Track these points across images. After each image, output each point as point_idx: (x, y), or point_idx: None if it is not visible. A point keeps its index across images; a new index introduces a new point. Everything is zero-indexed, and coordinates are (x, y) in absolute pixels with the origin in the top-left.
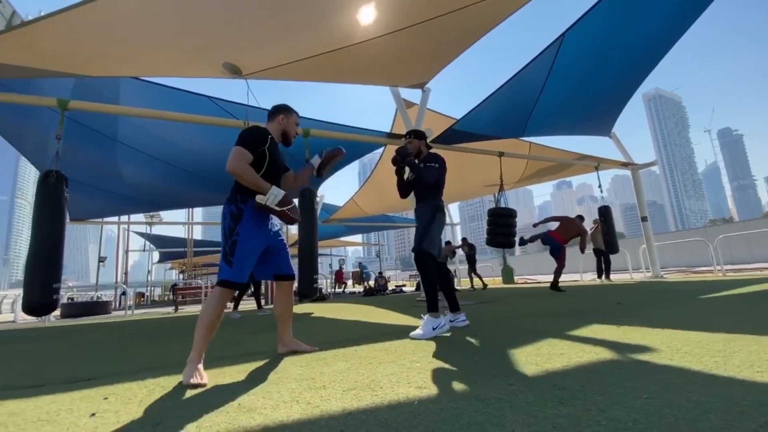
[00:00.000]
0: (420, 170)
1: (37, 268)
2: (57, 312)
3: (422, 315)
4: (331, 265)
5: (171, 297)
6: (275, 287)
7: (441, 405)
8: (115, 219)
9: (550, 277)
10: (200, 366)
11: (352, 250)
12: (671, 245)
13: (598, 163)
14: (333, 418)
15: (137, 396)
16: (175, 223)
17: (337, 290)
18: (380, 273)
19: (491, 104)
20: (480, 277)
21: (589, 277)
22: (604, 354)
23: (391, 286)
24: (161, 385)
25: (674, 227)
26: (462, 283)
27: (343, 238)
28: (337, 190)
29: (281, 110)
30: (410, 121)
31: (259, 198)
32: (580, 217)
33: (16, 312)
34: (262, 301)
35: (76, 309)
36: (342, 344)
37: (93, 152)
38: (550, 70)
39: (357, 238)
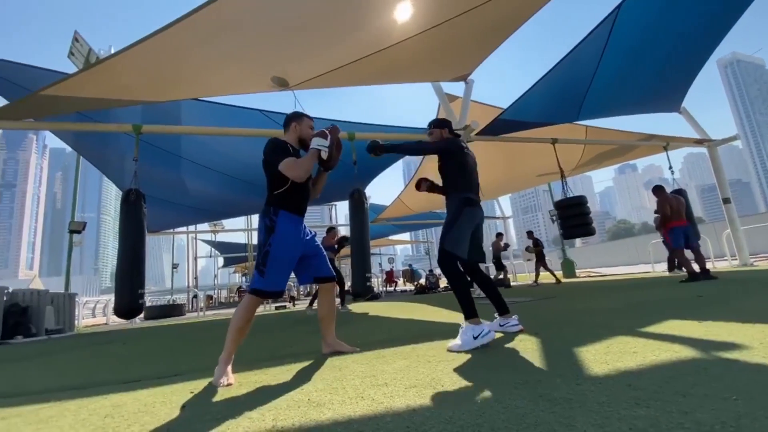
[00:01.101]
0: (411, 146)
1: (125, 277)
2: (141, 314)
3: (461, 325)
4: (381, 264)
5: (236, 298)
6: (318, 290)
7: (505, 404)
8: (183, 229)
9: (616, 270)
10: (229, 368)
11: (401, 248)
12: (762, 228)
13: (667, 143)
14: (398, 414)
15: (218, 391)
16: (236, 230)
17: (388, 289)
18: (431, 271)
19: (541, 89)
20: (551, 272)
21: (661, 268)
22: (684, 352)
23: (442, 284)
24: (239, 382)
25: (765, 207)
26: (518, 278)
27: (391, 237)
28: (383, 190)
29: (293, 118)
30: (454, 115)
31: (324, 156)
32: (659, 187)
33: (108, 315)
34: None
35: (156, 311)
36: (399, 343)
37: (162, 169)
38: (606, 44)
39: (405, 236)
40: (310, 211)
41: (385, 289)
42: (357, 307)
